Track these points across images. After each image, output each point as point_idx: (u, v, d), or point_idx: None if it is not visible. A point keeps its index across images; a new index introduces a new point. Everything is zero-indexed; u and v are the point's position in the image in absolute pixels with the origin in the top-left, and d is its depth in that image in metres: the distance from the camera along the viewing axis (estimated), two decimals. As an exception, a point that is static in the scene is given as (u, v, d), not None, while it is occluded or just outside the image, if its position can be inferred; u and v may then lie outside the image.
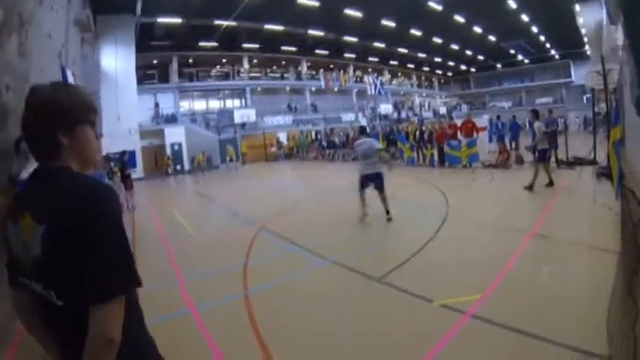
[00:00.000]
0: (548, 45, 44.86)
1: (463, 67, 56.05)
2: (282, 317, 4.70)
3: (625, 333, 2.96)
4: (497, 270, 5.30)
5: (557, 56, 48.00)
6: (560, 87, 48.63)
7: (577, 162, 13.10)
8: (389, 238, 6.35)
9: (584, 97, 38.76)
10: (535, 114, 10.75)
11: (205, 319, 4.70)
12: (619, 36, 11.14)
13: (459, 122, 17.45)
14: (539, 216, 7.96)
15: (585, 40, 33.05)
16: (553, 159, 13.18)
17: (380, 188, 8.39)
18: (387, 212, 8.35)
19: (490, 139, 18.82)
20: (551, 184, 10.13)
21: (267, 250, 7.54)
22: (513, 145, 17.85)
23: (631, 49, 6.83)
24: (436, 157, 17.13)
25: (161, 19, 26.53)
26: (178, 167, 25.00)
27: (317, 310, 4.84)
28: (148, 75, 29.79)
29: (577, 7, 26.30)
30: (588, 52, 34.33)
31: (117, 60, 22.70)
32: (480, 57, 50.62)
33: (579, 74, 40.11)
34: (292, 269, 6.38)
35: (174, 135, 25.69)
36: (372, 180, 8.41)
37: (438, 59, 50.69)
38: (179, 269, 6.68)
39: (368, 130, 9.12)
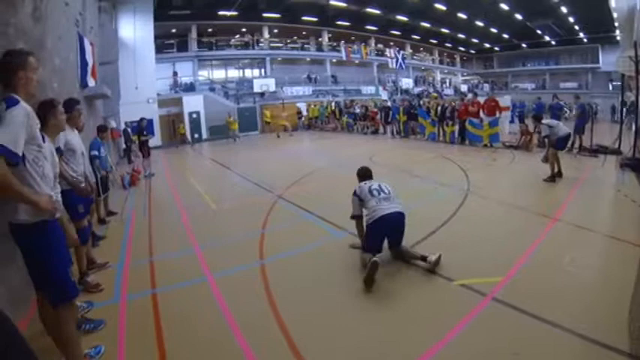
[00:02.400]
0: (576, 27, 42.67)
1: (487, 46, 54.28)
2: (297, 287, 4.73)
3: None
4: (519, 253, 5.24)
5: (585, 39, 45.72)
6: (586, 72, 46.80)
7: (601, 150, 12.78)
8: (408, 213, 6.27)
9: (610, 85, 37.66)
10: (537, 119, 10.90)
11: (221, 286, 4.77)
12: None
13: (481, 100, 17.12)
14: (561, 202, 7.80)
15: (616, 24, 31.63)
16: (577, 145, 12.99)
17: (398, 238, 5.27)
18: (424, 258, 4.99)
19: (512, 120, 18.45)
20: (559, 175, 9.51)
21: (284, 219, 7.54)
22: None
23: None
24: (456, 134, 16.95)
25: (180, -13, 26.12)
26: (196, 136, 25.00)
27: (333, 281, 4.84)
28: (167, 44, 29.64)
29: (610, -10, 25.29)
30: (618, 38, 33.05)
31: (135, 29, 22.55)
32: (505, 36, 49.00)
33: (607, 60, 38.98)
34: (309, 239, 6.36)
35: (193, 103, 25.62)
36: (395, 224, 5.15)
37: (461, 35, 49.37)
38: (195, 238, 6.69)
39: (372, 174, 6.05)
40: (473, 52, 58.53)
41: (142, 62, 22.61)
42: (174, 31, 30.40)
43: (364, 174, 5.98)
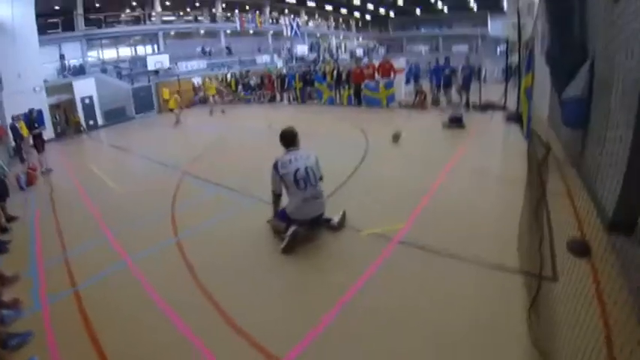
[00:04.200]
0: None
1: (382, 11, 56.32)
2: (215, 256, 5.05)
3: (533, 250, 3.70)
4: (418, 200, 5.96)
5: (475, 8, 50.02)
6: (476, 37, 51.38)
7: (489, 106, 14.35)
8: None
9: (498, 49, 41.21)
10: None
11: (141, 268, 4.94)
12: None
13: (376, 64, 18.09)
14: (454, 152, 8.79)
15: None
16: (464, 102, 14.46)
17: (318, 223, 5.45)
18: (328, 221, 5.49)
19: (408, 81, 19.70)
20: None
21: (192, 194, 7.81)
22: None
23: (545, 4, 7.82)
24: (352, 97, 18.00)
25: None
26: (91, 122, 23.90)
27: (248, 245, 5.22)
28: (51, 24, 27.09)
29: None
30: (505, 6, 35.79)
31: (12, 7, 20.35)
32: (400, 2, 51.02)
33: (495, 26, 43.93)
34: (219, 210, 6.72)
35: (85, 88, 24.22)
36: (312, 224, 5.37)
37: (356, 2, 50.41)
38: (107, 226, 6.70)
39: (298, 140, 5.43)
40: (368, 17, 60.05)
41: (23, 46, 20.55)
42: (57, 8, 28.02)
43: (290, 139, 5.39)
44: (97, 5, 31.05)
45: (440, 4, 51.53)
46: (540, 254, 3.45)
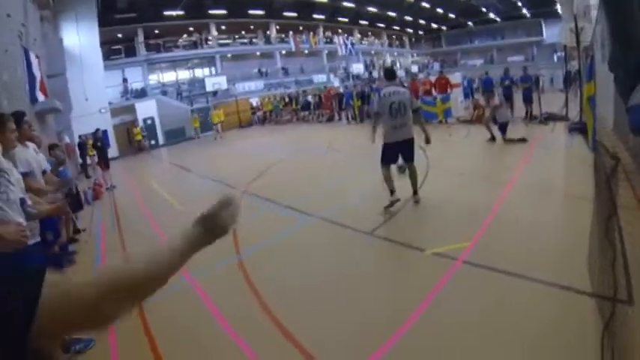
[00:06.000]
0: (519, 3, 44.86)
1: (434, 26, 55.82)
2: (279, 275, 4.86)
3: (605, 271, 3.32)
4: (482, 218, 5.64)
5: (528, 15, 48.00)
6: (532, 45, 49.17)
7: (550, 118, 13.55)
8: (370, 191, 6.55)
9: (555, 56, 39.48)
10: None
11: (204, 286, 4.80)
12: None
13: (432, 79, 17.61)
14: (517, 167, 8.34)
15: None
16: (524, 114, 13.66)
17: (410, 158, 6.51)
18: (415, 192, 6.66)
19: (467, 96, 19.02)
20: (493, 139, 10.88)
21: (252, 212, 7.57)
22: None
23: (603, 7, 7.06)
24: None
25: (122, -10, 25.46)
26: (153, 142, 24.54)
27: (311, 265, 5.05)
28: (114, 50, 28.71)
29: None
30: (559, 11, 34.49)
31: (79, 37, 21.66)
32: (451, 15, 50.41)
33: (550, 33, 41.15)
34: (280, 228, 6.56)
35: (146, 109, 25.12)
36: (402, 150, 6.45)
37: (408, 18, 50.29)
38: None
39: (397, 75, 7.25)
40: (421, 33, 59.77)
41: (90, 71, 21.84)
42: (120, 35, 29.70)
43: (390, 74, 7.00)
44: (156, 32, 32.29)
45: (492, 15, 50.36)
46: (614, 275, 3.07)
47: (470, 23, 54.04)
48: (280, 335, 3.61)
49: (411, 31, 58.55)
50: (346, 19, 45.56)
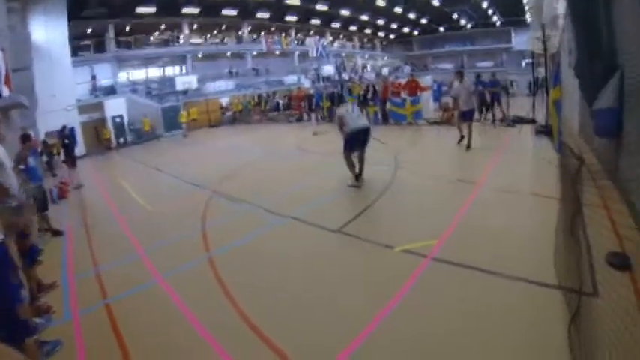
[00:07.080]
0: (490, 12, 46.96)
1: (406, 30, 56.77)
2: (248, 275, 4.93)
3: (570, 266, 3.63)
4: (450, 217, 5.84)
5: (498, 23, 50.35)
6: (501, 52, 51.73)
7: (517, 121, 14.06)
8: (340, 191, 6.73)
9: (523, 62, 41.40)
10: (459, 74, 11.22)
11: (173, 285, 4.82)
12: (558, 6, 12.04)
13: (403, 81, 18.13)
14: (485, 168, 8.62)
15: (526, 8, 34.99)
16: (490, 117, 14.24)
17: (365, 145, 8.09)
18: (361, 174, 8.15)
19: (437, 99, 19.51)
20: (462, 139, 10.98)
21: (222, 212, 7.71)
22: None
23: (571, 18, 7.65)
24: (379, 115, 17.97)
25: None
26: (121, 140, 24.36)
27: (282, 265, 5.14)
28: (83, 46, 28.33)
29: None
30: (528, 21, 35.85)
31: (48, 31, 21.28)
32: (424, 20, 51.49)
33: (519, 40, 43.90)
34: (250, 228, 6.56)
35: (115, 107, 24.90)
36: (364, 135, 7.97)
37: (381, 22, 50.96)
38: (138, 242, 6.63)
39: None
40: (393, 37, 60.55)
41: (57, 67, 21.41)
42: (89, 31, 29.15)
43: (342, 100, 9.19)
44: (127, 29, 32.01)
45: (463, 22, 51.84)
46: (579, 269, 3.37)
47: (441, 29, 55.69)
48: (252, 333, 3.68)
49: (382, 35, 59.40)
50: (319, 22, 45.92)
